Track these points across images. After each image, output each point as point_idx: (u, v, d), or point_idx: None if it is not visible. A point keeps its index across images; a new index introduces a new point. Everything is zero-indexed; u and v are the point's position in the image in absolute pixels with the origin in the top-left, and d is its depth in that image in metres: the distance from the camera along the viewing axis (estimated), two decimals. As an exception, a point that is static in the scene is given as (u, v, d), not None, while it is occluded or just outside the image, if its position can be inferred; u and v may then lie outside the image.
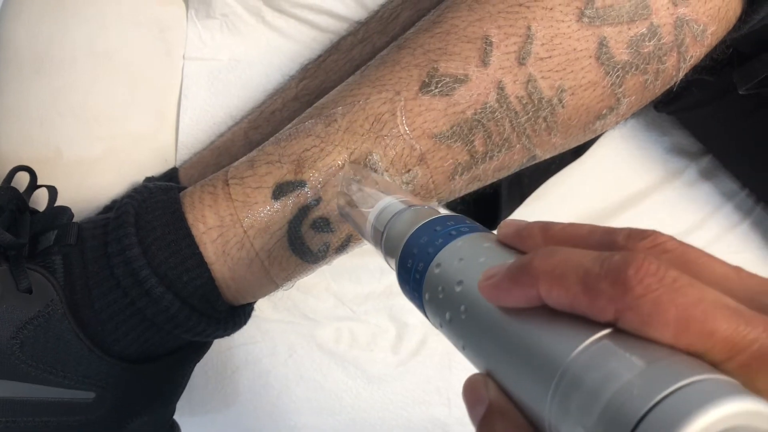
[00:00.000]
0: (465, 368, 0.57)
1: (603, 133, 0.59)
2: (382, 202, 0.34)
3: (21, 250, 0.39)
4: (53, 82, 0.54)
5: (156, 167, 0.54)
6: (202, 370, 0.53)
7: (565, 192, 0.60)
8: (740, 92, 0.49)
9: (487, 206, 0.56)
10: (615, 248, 0.21)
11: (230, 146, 0.50)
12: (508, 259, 0.24)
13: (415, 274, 0.27)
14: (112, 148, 0.53)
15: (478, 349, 0.24)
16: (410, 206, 0.32)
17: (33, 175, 0.46)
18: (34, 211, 0.42)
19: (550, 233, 0.24)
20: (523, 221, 0.26)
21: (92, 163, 0.53)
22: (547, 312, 0.21)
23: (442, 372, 0.57)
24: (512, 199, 0.57)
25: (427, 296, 0.26)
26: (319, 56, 0.53)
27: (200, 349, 0.44)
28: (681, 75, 0.41)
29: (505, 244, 0.26)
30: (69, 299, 0.39)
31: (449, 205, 0.58)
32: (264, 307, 0.54)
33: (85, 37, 0.54)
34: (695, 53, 0.40)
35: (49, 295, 0.38)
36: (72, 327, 0.38)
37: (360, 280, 0.56)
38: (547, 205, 0.59)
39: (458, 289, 0.25)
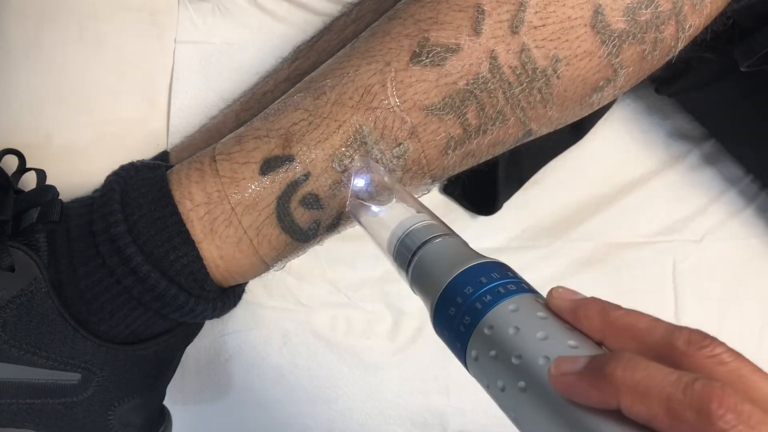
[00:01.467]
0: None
1: (602, 114, 0.58)
2: (410, 219, 0.33)
3: (3, 228, 0.38)
4: (43, 68, 0.53)
5: (147, 152, 0.53)
6: (194, 358, 0.52)
7: (565, 176, 0.59)
8: (742, 69, 0.48)
9: (484, 189, 0.55)
10: (676, 352, 0.22)
11: (221, 128, 0.49)
12: (568, 340, 0.24)
13: (459, 326, 0.27)
14: (102, 133, 0.53)
15: (535, 428, 0.24)
16: (444, 234, 0.31)
17: (21, 158, 0.45)
18: (19, 191, 0.41)
19: (609, 319, 0.25)
20: (577, 294, 0.26)
21: (82, 149, 0.52)
22: (619, 417, 0.22)
23: (440, 360, 0.55)
24: (510, 182, 0.56)
25: (473, 354, 0.26)
26: (312, 37, 0.52)
27: (190, 331, 0.43)
28: (680, 46, 0.40)
29: (557, 314, 0.26)
30: (53, 278, 0.38)
31: (446, 190, 0.57)
32: (258, 294, 0.53)
33: (76, 21, 0.53)
34: (694, 23, 0.39)
35: (32, 273, 0.37)
36: (56, 306, 0.37)
37: (356, 266, 0.55)
38: (546, 190, 0.58)
39: (516, 362, 0.25)
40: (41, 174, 0.45)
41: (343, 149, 0.37)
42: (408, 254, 0.32)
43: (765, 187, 0.63)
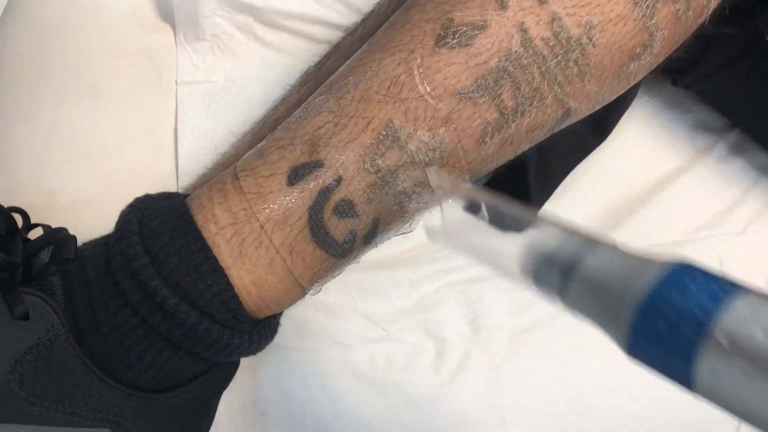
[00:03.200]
0: (515, 382, 0.52)
1: (623, 112, 0.56)
2: (540, 231, 0.28)
3: (14, 273, 0.34)
4: (41, 124, 0.51)
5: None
6: (227, 412, 0.48)
7: (594, 180, 0.56)
8: (768, 38, 0.46)
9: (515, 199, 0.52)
10: None
11: (235, 161, 0.46)
12: None
13: (679, 341, 0.23)
14: (108, 185, 0.50)
15: None
16: (591, 239, 0.26)
17: (25, 215, 0.42)
18: (27, 240, 0.38)
19: None
20: None
21: (88, 203, 0.50)
22: None
23: (491, 388, 0.51)
24: (540, 191, 0.53)
25: (709, 368, 0.22)
26: (319, 61, 0.50)
27: (225, 374, 0.39)
28: (712, 5, 0.38)
29: None
30: (71, 324, 0.34)
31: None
32: (289, 336, 0.49)
33: (72, 73, 0.51)
34: (725, -24, 0.37)
35: (48, 319, 0.34)
36: (77, 354, 0.34)
37: (389, 296, 0.52)
38: (577, 196, 0.56)
39: None
40: (47, 229, 0.42)
41: (375, 147, 0.35)
42: (559, 273, 0.27)
43: (797, 173, 0.60)
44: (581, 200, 0.56)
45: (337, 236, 0.36)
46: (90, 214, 0.49)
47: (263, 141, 0.38)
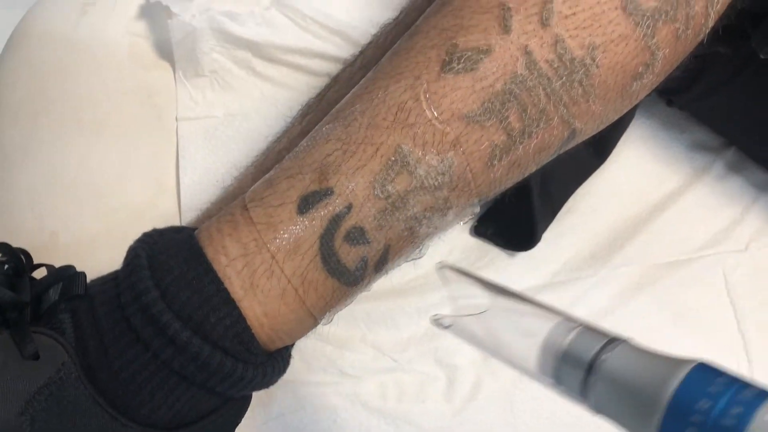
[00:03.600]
0: (528, 409, 0.51)
1: (622, 133, 0.57)
2: (561, 325, 0.29)
3: (23, 312, 0.34)
4: (41, 165, 0.51)
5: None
6: (237, 451, 0.47)
7: (596, 202, 0.56)
8: (762, 56, 0.47)
9: (517, 224, 0.52)
10: None
11: (239, 194, 0.46)
12: None
13: None
14: (110, 223, 0.50)
15: None
16: (610, 339, 0.27)
17: (28, 255, 0.42)
18: (33, 279, 0.38)
19: None
20: None
21: (91, 243, 0.49)
22: None
23: (504, 416, 0.50)
24: (544, 213, 0.53)
25: None
26: (319, 93, 0.50)
27: (237, 409, 0.38)
28: (710, 24, 0.38)
29: None
30: (82, 362, 0.34)
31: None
32: (298, 369, 0.49)
33: (72, 112, 0.51)
34: (721, -4, 0.37)
35: (59, 358, 0.33)
36: (90, 393, 0.33)
37: (398, 325, 0.51)
38: (580, 218, 0.56)
39: None
40: (51, 269, 0.41)
41: (384, 173, 0.35)
42: (579, 375, 0.27)
43: (795, 189, 0.61)
44: (584, 222, 0.56)
45: (349, 264, 0.36)
46: (93, 253, 0.49)
47: (271, 171, 0.38)
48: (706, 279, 0.56)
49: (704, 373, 0.25)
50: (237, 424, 0.39)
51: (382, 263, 0.37)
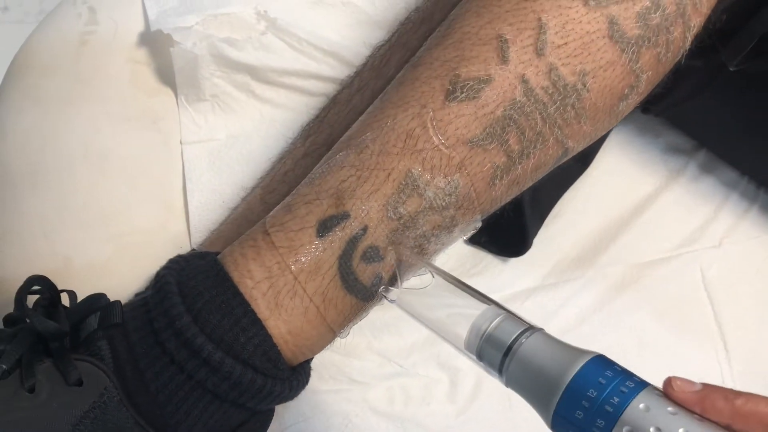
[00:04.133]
0: (526, 406, 0.55)
1: (603, 142, 0.60)
2: (485, 313, 0.34)
3: (64, 341, 0.36)
4: (51, 193, 0.52)
5: (172, 257, 0.51)
6: (257, 459, 0.49)
7: (581, 206, 0.60)
8: (731, 69, 0.50)
9: (509, 231, 0.55)
10: None
11: (248, 215, 0.49)
12: None
13: (592, 430, 0.28)
14: (122, 247, 0.51)
15: None
16: (530, 329, 0.32)
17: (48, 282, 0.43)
18: (66, 307, 0.40)
19: (735, 407, 0.27)
20: (694, 384, 0.28)
21: (104, 266, 0.51)
22: None
23: (504, 413, 0.53)
24: (534, 219, 0.56)
25: None
26: (318, 115, 0.53)
27: (263, 421, 0.41)
28: (687, 46, 0.42)
29: (682, 406, 0.28)
30: (122, 386, 0.36)
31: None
32: (310, 379, 0.51)
33: (78, 141, 0.53)
34: (696, 22, 0.41)
35: (101, 383, 0.35)
36: (131, 413, 0.35)
37: (401, 332, 0.54)
38: (568, 222, 0.59)
39: None
40: (72, 294, 0.43)
41: (396, 196, 0.37)
42: (499, 354, 0.33)
43: (761, 185, 0.65)
44: (571, 226, 0.59)
45: (365, 281, 0.38)
46: (106, 276, 0.50)
47: (288, 197, 0.40)
48: (684, 275, 0.60)
49: (598, 365, 0.30)
50: (263, 436, 0.42)
51: (395, 278, 0.39)
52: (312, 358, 0.42)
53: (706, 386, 0.28)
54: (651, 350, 0.56)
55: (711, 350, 0.57)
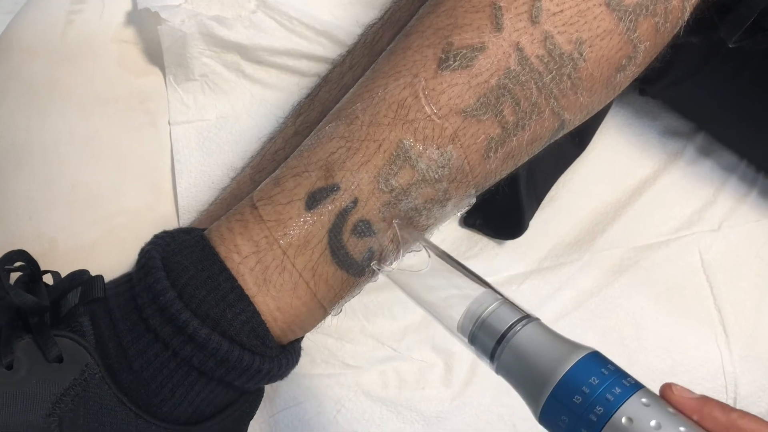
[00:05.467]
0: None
1: (600, 123, 0.59)
2: (481, 298, 0.33)
3: (43, 317, 0.35)
4: (37, 174, 0.51)
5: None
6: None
7: (578, 189, 0.59)
8: (730, 45, 0.49)
9: (505, 213, 0.54)
10: None
11: (238, 194, 0.48)
12: None
13: (589, 416, 0.28)
14: (109, 228, 0.50)
15: None
16: (526, 317, 0.32)
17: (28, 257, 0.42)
18: (47, 284, 0.38)
19: (732, 419, 0.28)
20: (692, 392, 0.29)
21: (91, 248, 0.50)
22: None
23: (501, 397, 0.52)
24: (530, 202, 0.55)
25: None
26: (309, 93, 0.52)
27: (252, 402, 0.40)
28: (686, 16, 0.41)
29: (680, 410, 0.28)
30: (104, 363, 0.35)
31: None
32: (302, 363, 0.50)
33: (64, 121, 0.52)
34: (695, -10, 0.40)
35: (82, 360, 0.34)
36: (113, 392, 0.34)
37: (395, 315, 0.53)
38: (563, 205, 0.58)
39: None
40: (56, 275, 0.42)
41: (387, 167, 0.36)
42: (492, 341, 0.32)
43: (760, 169, 0.64)
44: (567, 209, 0.58)
45: (356, 256, 0.37)
46: (93, 258, 0.49)
47: (277, 170, 0.39)
48: (683, 259, 0.59)
49: (593, 362, 0.29)
50: (252, 416, 0.40)
51: (387, 254, 0.38)
52: (302, 337, 0.41)
53: (704, 396, 0.28)
54: (649, 335, 0.55)
55: (710, 334, 0.56)
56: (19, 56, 0.54)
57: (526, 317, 0.32)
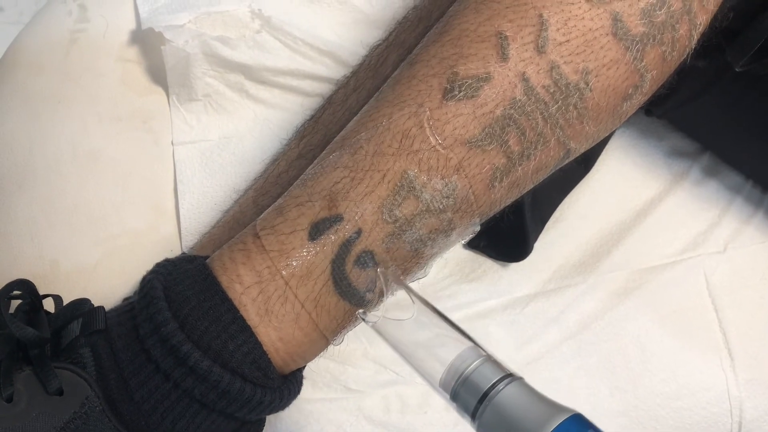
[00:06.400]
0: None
1: (605, 145, 0.59)
2: (464, 354, 0.33)
3: (44, 348, 0.34)
4: (39, 194, 0.51)
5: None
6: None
7: (583, 211, 0.58)
8: (737, 69, 0.49)
9: (509, 235, 0.54)
10: None
11: (240, 217, 0.47)
12: None
13: None
14: (111, 250, 0.50)
15: None
16: (509, 376, 0.31)
17: (33, 287, 0.42)
18: (48, 313, 0.38)
19: None
20: None
21: (93, 270, 0.50)
22: None
23: (503, 422, 0.52)
24: (535, 224, 0.55)
25: None
26: (313, 115, 0.51)
27: (254, 431, 0.39)
28: (693, 44, 0.40)
29: None
30: (105, 395, 0.34)
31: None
32: (303, 387, 0.50)
33: (66, 140, 0.51)
34: (703, 19, 0.40)
35: (83, 393, 0.34)
36: (114, 425, 0.34)
37: (398, 339, 0.52)
38: (568, 227, 0.57)
39: None
40: (58, 299, 0.42)
41: (391, 198, 0.36)
42: (474, 399, 0.32)
43: (766, 190, 0.64)
44: (572, 230, 0.58)
45: (359, 286, 0.37)
46: (94, 280, 0.49)
47: (280, 199, 0.39)
48: (688, 281, 0.58)
49: (574, 425, 0.29)
50: (253, 447, 0.40)
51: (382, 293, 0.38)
52: (304, 367, 0.40)
53: None
54: (654, 358, 0.55)
55: (715, 358, 0.56)
56: (23, 74, 0.54)
57: (509, 376, 0.32)
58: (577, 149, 0.40)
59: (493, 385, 0.31)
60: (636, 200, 0.60)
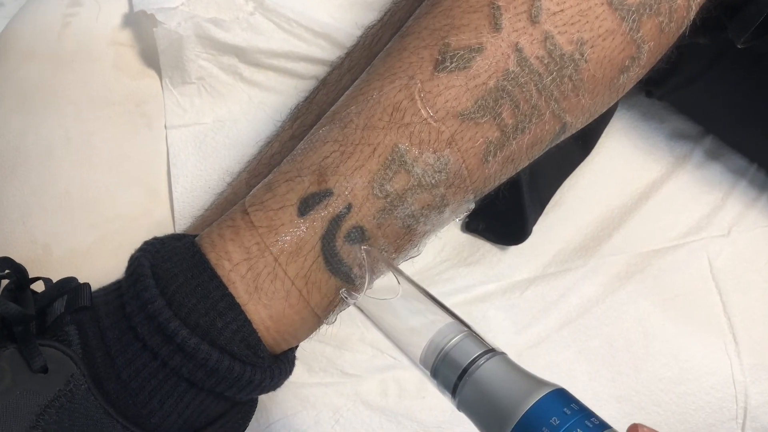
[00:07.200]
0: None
1: (605, 126, 0.58)
2: (446, 329, 0.32)
3: (29, 326, 0.34)
4: (31, 177, 0.50)
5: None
6: (242, 455, 0.47)
7: (583, 194, 0.58)
8: (738, 46, 0.48)
9: (508, 218, 0.53)
10: None
11: (233, 199, 0.47)
12: None
13: None
14: (104, 233, 0.49)
15: None
16: (490, 351, 0.30)
17: (23, 269, 0.41)
18: (35, 292, 0.38)
19: None
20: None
21: (85, 254, 0.49)
22: None
23: (503, 407, 0.51)
24: (534, 207, 0.54)
25: None
26: (308, 96, 0.51)
27: (245, 413, 0.39)
28: (691, 15, 0.39)
29: None
30: (91, 374, 0.34)
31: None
32: (298, 372, 0.49)
33: (59, 124, 0.51)
34: (701, -12, 0.39)
35: (68, 371, 0.33)
36: (100, 403, 0.33)
37: (394, 323, 0.52)
38: (568, 210, 0.57)
39: None
40: (48, 282, 0.41)
41: (382, 172, 0.35)
42: (454, 375, 0.31)
43: (772, 174, 0.63)
44: (572, 214, 0.57)
45: (350, 263, 0.36)
46: (87, 264, 0.49)
47: (269, 175, 0.38)
48: (691, 265, 0.58)
49: (557, 400, 0.28)
50: (245, 428, 0.39)
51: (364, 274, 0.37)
52: (297, 347, 0.40)
53: None
54: (656, 342, 0.54)
55: (719, 342, 0.55)
56: (15, 59, 0.54)
57: (491, 351, 0.31)
58: (574, 123, 0.39)
59: (473, 360, 0.30)
60: (637, 183, 0.59)
